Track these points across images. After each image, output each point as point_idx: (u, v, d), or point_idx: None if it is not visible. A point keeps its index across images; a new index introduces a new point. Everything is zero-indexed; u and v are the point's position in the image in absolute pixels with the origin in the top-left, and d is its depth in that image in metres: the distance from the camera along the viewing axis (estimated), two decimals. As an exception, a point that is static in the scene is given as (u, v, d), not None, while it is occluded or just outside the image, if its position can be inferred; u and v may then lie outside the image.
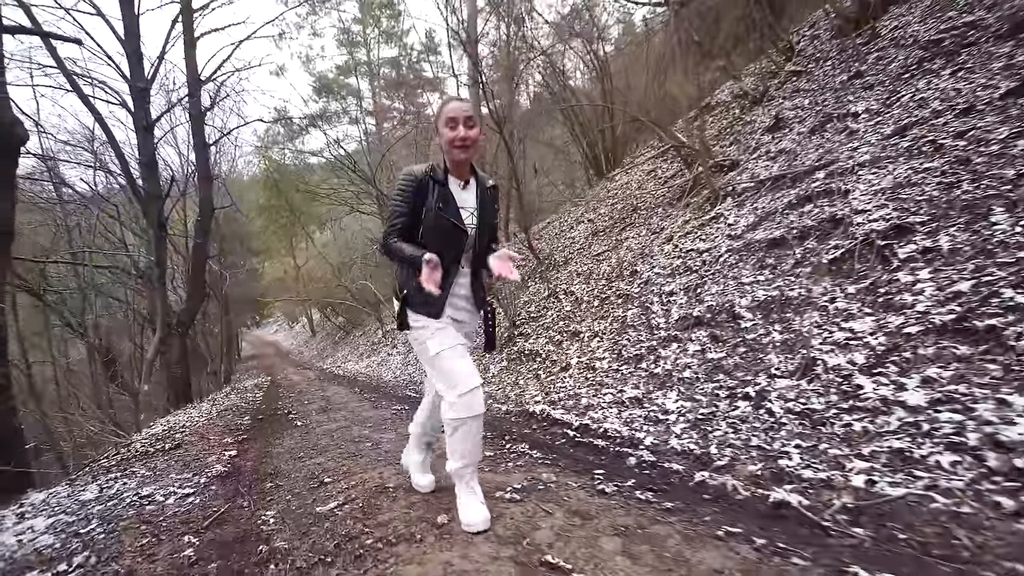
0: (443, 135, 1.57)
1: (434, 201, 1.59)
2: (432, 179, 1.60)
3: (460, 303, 1.71)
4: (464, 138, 1.53)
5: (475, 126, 1.58)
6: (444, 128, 1.56)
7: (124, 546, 1.71)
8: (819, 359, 2.24)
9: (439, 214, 1.58)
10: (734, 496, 1.61)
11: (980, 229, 2.26)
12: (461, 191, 1.65)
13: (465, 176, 1.67)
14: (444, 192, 1.60)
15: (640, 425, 2.53)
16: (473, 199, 1.67)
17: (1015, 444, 1.44)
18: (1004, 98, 3.05)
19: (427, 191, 1.60)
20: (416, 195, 1.60)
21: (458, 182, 1.65)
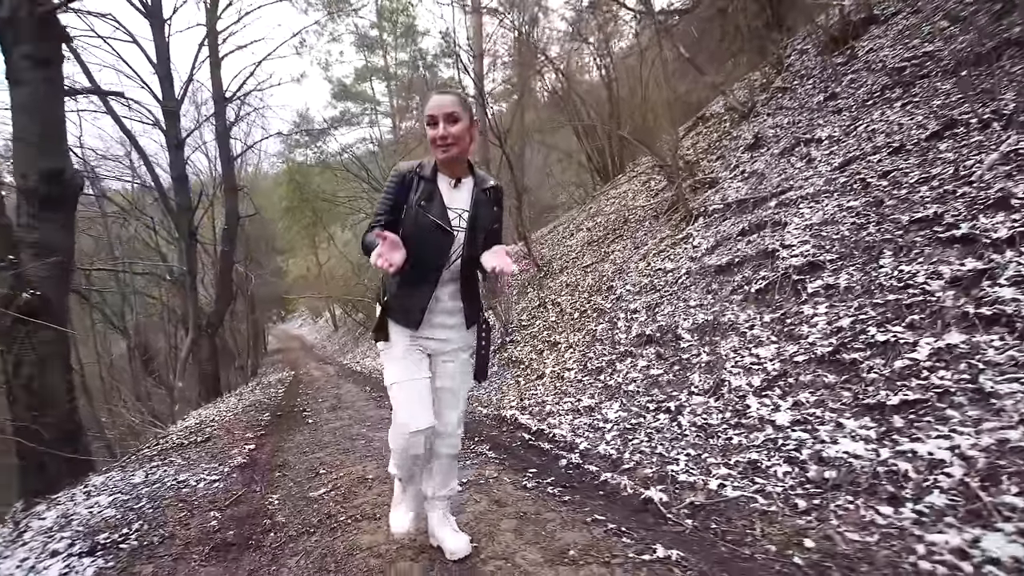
0: (427, 134, 1.47)
1: (416, 198, 1.47)
2: (418, 175, 1.50)
3: (444, 318, 1.56)
4: (444, 136, 1.42)
5: (458, 120, 1.43)
6: (426, 126, 1.47)
7: (166, 518, 2.28)
8: (727, 380, 2.67)
9: (419, 211, 1.46)
10: (620, 493, 2.06)
11: (870, 271, 2.64)
12: (452, 190, 1.53)
13: (458, 174, 1.54)
14: (429, 188, 1.49)
15: (583, 432, 3.00)
16: (465, 199, 1.53)
17: (831, 459, 1.86)
18: (929, 139, 3.36)
19: (411, 187, 1.50)
20: (399, 191, 1.50)
21: (449, 180, 1.53)
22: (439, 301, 1.54)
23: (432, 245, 1.48)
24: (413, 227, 1.46)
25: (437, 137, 1.43)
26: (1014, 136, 2.71)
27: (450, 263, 1.52)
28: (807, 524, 1.58)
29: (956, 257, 2.31)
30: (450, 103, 1.43)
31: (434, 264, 1.50)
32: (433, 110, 1.43)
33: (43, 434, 3.34)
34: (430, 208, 1.46)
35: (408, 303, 1.49)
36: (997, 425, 1.60)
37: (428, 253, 1.47)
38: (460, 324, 1.60)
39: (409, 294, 1.50)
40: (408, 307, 1.50)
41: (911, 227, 2.68)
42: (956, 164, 2.88)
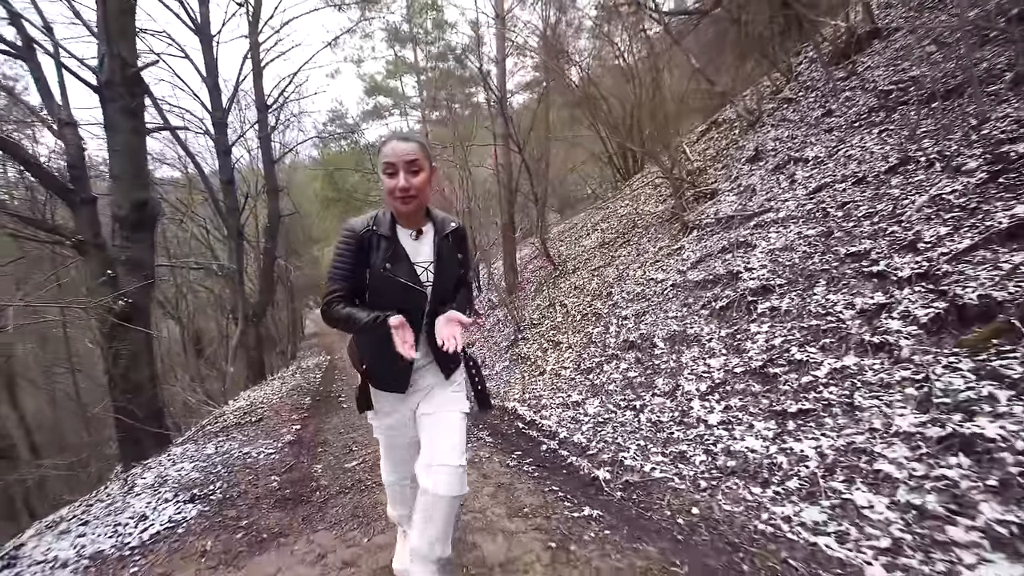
0: (384, 183, 1.34)
1: (380, 260, 1.36)
2: (374, 233, 1.37)
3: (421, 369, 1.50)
4: (404, 188, 1.31)
5: (420, 170, 1.33)
6: (383, 175, 1.34)
7: (239, 479, 3.03)
8: (682, 385, 3.22)
9: (386, 275, 1.36)
10: (578, 472, 2.67)
11: (806, 297, 3.11)
12: (414, 242, 1.42)
13: (418, 224, 1.43)
14: (391, 247, 1.38)
15: (565, 423, 3.60)
16: (428, 251, 1.43)
17: (735, 452, 2.41)
18: (886, 173, 3.74)
19: (371, 247, 1.37)
20: (358, 253, 1.37)
21: (409, 232, 1.42)
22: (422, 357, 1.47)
23: (405, 305, 1.37)
24: (381, 291, 1.38)
25: (397, 189, 1.30)
26: (944, 180, 3.11)
27: (424, 319, 1.44)
28: (700, 498, 2.15)
29: (870, 291, 2.77)
30: (412, 150, 1.31)
31: (411, 324, 1.34)
32: (392, 158, 1.31)
33: (137, 413, 4.19)
34: (398, 270, 1.36)
35: (392, 367, 1.40)
36: (852, 432, 2.12)
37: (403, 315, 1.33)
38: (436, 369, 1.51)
39: (391, 359, 1.32)
40: (393, 372, 1.43)
41: (846, 260, 3.13)
42: (896, 202, 3.29)
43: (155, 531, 2.40)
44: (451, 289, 1.50)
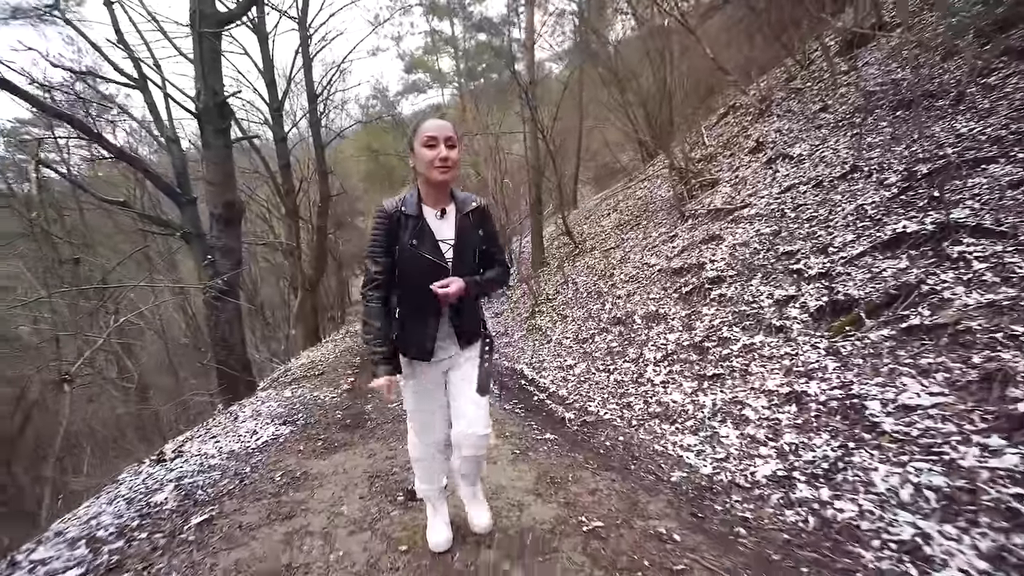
0: (421, 155, 1.45)
1: (407, 237, 1.49)
2: (403, 213, 1.50)
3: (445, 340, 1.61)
4: (445, 158, 1.43)
5: (455, 146, 1.47)
6: (422, 148, 1.45)
7: (314, 413, 4.20)
8: (644, 354, 4.09)
9: (413, 251, 1.49)
10: (554, 415, 3.63)
11: (744, 287, 3.87)
12: (438, 220, 1.53)
13: (442, 204, 1.55)
14: (417, 225, 1.50)
15: (557, 382, 4.57)
16: (451, 229, 1.54)
17: (664, 402, 3.30)
18: (838, 179, 4.33)
19: (400, 226, 1.50)
20: (389, 234, 1.51)
21: (434, 211, 1.53)
22: (443, 330, 1.59)
23: (430, 280, 1.47)
24: (410, 266, 1.50)
25: (437, 158, 1.43)
26: (871, 191, 3.74)
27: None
28: (629, 432, 3.08)
29: (787, 285, 3.52)
30: (450, 128, 1.47)
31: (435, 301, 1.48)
32: (433, 131, 1.44)
33: (233, 367, 5.49)
34: (422, 247, 1.49)
35: (418, 337, 1.54)
36: (739, 389, 2.96)
37: (427, 288, 1.46)
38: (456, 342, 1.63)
39: (417, 329, 1.54)
40: (418, 341, 1.55)
41: (780, 257, 3.85)
42: (833, 208, 3.93)
43: (264, 440, 3.58)
44: (472, 264, 1.58)
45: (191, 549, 1.99)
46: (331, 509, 2.25)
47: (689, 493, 2.19)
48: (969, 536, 1.51)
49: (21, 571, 1.96)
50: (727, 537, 1.77)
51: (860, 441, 2.08)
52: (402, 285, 1.55)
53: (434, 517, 1.80)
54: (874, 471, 1.91)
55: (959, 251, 2.58)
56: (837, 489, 1.93)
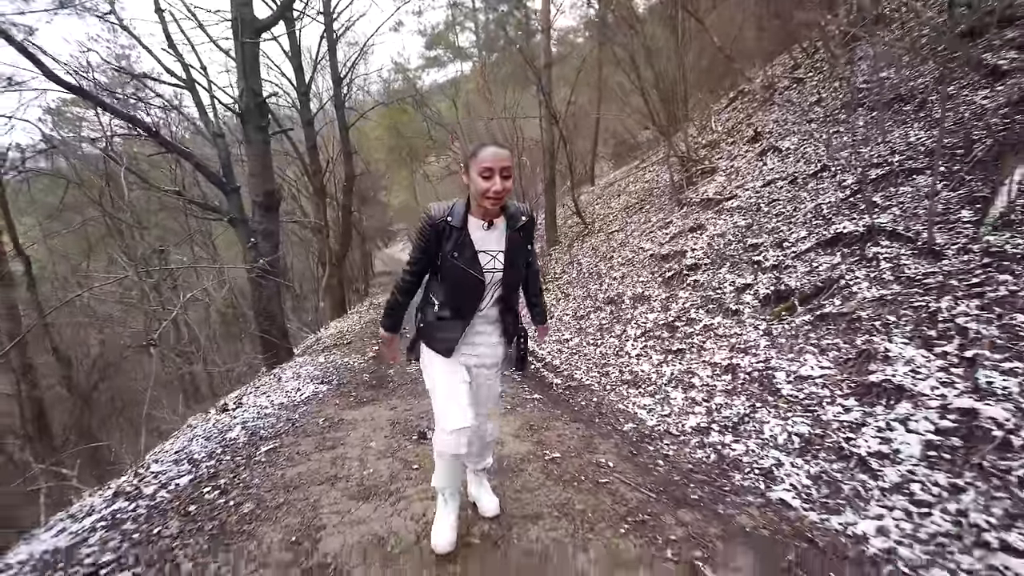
0: (476, 183, 1.49)
1: (449, 248, 1.55)
2: (448, 224, 1.55)
3: (481, 339, 1.71)
4: (499, 192, 1.47)
5: (510, 176, 1.51)
6: (478, 176, 1.48)
7: (344, 375, 4.99)
8: (627, 330, 4.72)
9: (454, 263, 1.55)
10: (544, 380, 4.32)
11: (714, 274, 4.42)
12: (484, 232, 1.58)
13: (491, 217, 1.59)
14: (459, 237, 1.55)
15: (553, 354, 5.24)
16: (499, 240, 1.60)
17: (635, 371, 3.95)
18: (808, 177, 4.78)
19: (443, 235, 1.56)
20: (432, 239, 1.57)
21: (481, 223, 1.58)
22: (474, 326, 1.67)
23: (467, 290, 1.59)
24: (450, 274, 1.57)
25: (491, 191, 1.47)
26: (831, 191, 4.20)
27: (487, 301, 1.65)
28: (602, 395, 3.74)
29: (747, 274, 4.07)
30: (507, 158, 1.49)
31: (470, 306, 1.62)
32: (490, 163, 1.47)
33: (275, 336, 6.33)
34: (461, 259, 1.55)
35: (443, 335, 1.62)
36: (694, 361, 3.58)
37: (464, 297, 1.59)
38: (495, 342, 1.73)
39: (444, 328, 1.63)
40: (442, 338, 1.63)
41: (747, 249, 4.37)
42: (798, 205, 4.41)
43: (306, 396, 4.38)
44: (520, 276, 1.68)
45: (264, 466, 2.77)
46: (363, 444, 3.00)
47: (632, 438, 2.85)
48: (808, 465, 2.14)
49: (149, 478, 2.77)
50: (648, 466, 2.44)
51: (764, 402, 2.70)
52: (444, 287, 1.63)
53: (443, 510, 1.81)
54: (766, 423, 2.54)
55: (874, 252, 3.10)
56: (738, 436, 2.57)
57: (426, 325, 1.67)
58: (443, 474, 1.77)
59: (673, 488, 2.17)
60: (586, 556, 1.69)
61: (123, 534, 2.10)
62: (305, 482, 2.49)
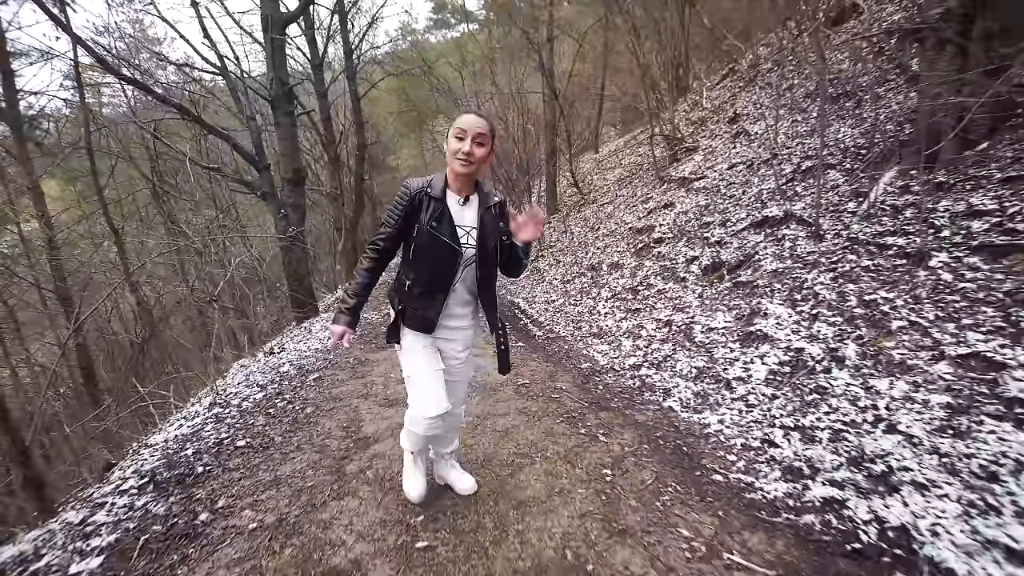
0: (450, 143, 1.56)
1: (427, 218, 1.58)
2: (427, 194, 1.60)
3: (452, 322, 1.75)
4: (468, 153, 1.52)
5: (484, 144, 1.56)
6: (452, 137, 1.55)
7: (367, 327, 6.00)
8: (601, 293, 5.62)
9: (431, 232, 1.58)
10: (529, 332, 5.27)
11: (673, 247, 5.26)
12: (460, 207, 1.63)
13: (466, 192, 1.64)
14: (439, 207, 1.59)
15: (540, 311, 6.18)
16: (472, 217, 1.65)
17: (603, 326, 4.88)
18: (764, 162, 5.50)
19: (421, 207, 1.60)
20: (409, 210, 1.60)
21: (457, 198, 1.63)
22: (448, 307, 1.72)
23: (443, 261, 1.63)
24: (426, 245, 1.61)
25: (460, 151, 1.53)
26: (773, 177, 4.96)
27: (459, 276, 1.68)
28: (572, 343, 4.70)
29: (696, 248, 4.91)
30: (481, 125, 1.55)
31: (445, 277, 1.66)
32: (465, 126, 1.53)
33: (303, 295, 7.34)
34: (441, 228, 1.59)
35: (423, 312, 1.67)
36: (644, 316, 4.49)
37: (440, 268, 1.64)
38: (467, 327, 1.80)
39: (423, 304, 1.67)
40: (423, 316, 1.68)
41: (701, 227, 5.18)
42: (747, 188, 5.18)
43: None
44: (494, 255, 1.72)
45: (314, 387, 3.79)
46: (384, 375, 4.00)
47: (586, 373, 3.82)
48: (694, 386, 3.09)
49: (230, 396, 3.81)
50: (591, 389, 3.40)
51: (683, 347, 3.64)
52: (416, 261, 1.64)
53: (412, 469, 1.96)
54: (680, 361, 3.47)
55: (784, 233, 3.94)
56: (659, 370, 3.52)
57: (404, 305, 1.72)
58: (411, 441, 1.89)
59: (601, 401, 3.15)
60: (532, 432, 2.67)
61: (227, 425, 3.13)
62: (346, 396, 3.50)
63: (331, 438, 2.77)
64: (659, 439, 2.53)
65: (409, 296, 1.70)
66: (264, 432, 2.92)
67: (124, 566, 1.79)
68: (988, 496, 1.65)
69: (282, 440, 2.80)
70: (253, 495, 2.18)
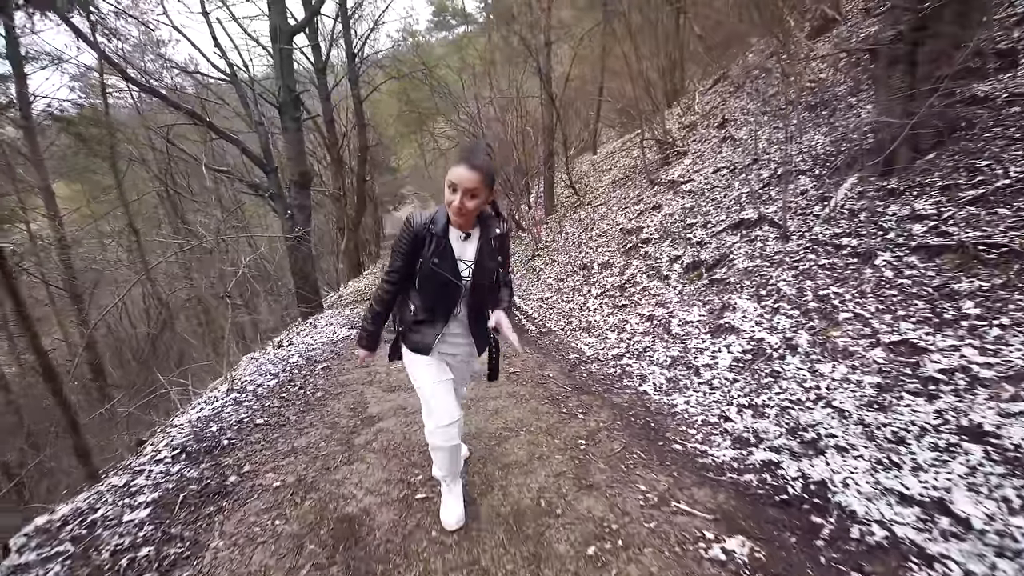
0: (445, 191, 1.59)
1: (430, 254, 1.64)
2: (430, 232, 1.64)
3: (455, 339, 1.82)
4: (459, 207, 1.56)
5: (476, 196, 1.58)
6: (446, 187, 1.59)
7: (369, 323, 6.34)
8: (592, 290, 5.95)
9: (433, 269, 1.64)
10: (523, 327, 5.60)
11: (659, 247, 5.58)
12: (462, 242, 1.68)
13: (467, 228, 1.68)
14: (442, 244, 1.65)
15: (534, 308, 6.51)
16: (472, 251, 1.69)
17: (591, 320, 5.21)
18: (745, 167, 5.83)
19: (424, 242, 1.65)
20: (413, 246, 1.66)
21: (459, 233, 1.68)
22: (447, 334, 1.80)
23: (444, 295, 1.71)
24: (428, 279, 1.68)
25: (453, 205, 1.57)
26: (754, 181, 5.28)
27: (460, 306, 1.77)
28: (564, 336, 5.03)
29: (679, 248, 5.23)
30: (473, 181, 1.55)
31: (445, 310, 1.75)
32: (455, 180, 1.55)
33: (308, 292, 7.67)
34: (443, 265, 1.65)
35: (420, 338, 1.74)
36: (629, 311, 4.82)
37: (440, 301, 1.72)
38: (467, 344, 1.86)
39: (421, 331, 1.76)
40: (420, 341, 1.76)
41: (686, 228, 5.50)
42: (729, 192, 5.50)
43: (340, 336, 5.72)
44: (488, 284, 1.76)
45: (323, 375, 4.12)
46: (387, 366, 4.31)
47: (572, 363, 4.14)
48: (667, 372, 3.41)
49: (245, 383, 4.13)
50: (575, 376, 3.73)
51: (661, 339, 3.96)
52: (420, 291, 1.72)
53: (448, 495, 1.94)
54: (657, 352, 3.80)
55: (756, 235, 4.26)
56: (638, 359, 3.84)
57: (404, 328, 1.80)
58: (443, 464, 1.87)
59: (584, 386, 3.47)
60: (519, 411, 2.99)
61: (245, 407, 3.46)
62: (352, 382, 3.84)
63: (340, 417, 3.10)
64: (631, 417, 2.86)
65: (412, 320, 1.76)
66: (280, 412, 3.25)
67: (168, 516, 2.11)
68: (893, 455, 1.98)
69: (296, 419, 3.13)
70: (274, 461, 2.50)
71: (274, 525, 1.95)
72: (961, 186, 3.00)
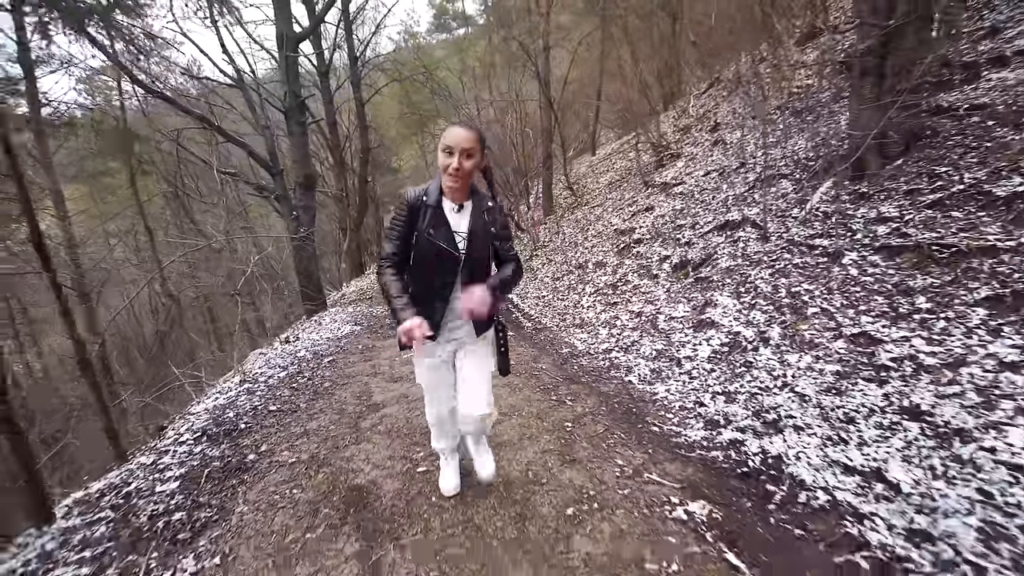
0: (440, 157, 1.60)
1: (425, 225, 1.64)
2: (424, 203, 1.65)
3: (456, 321, 1.79)
4: (456, 168, 1.56)
5: (473, 156, 1.59)
6: (441, 152, 1.59)
7: (372, 320, 6.57)
8: (586, 289, 6.19)
9: (428, 239, 1.64)
10: (520, 323, 5.84)
11: (650, 247, 5.82)
12: (455, 214, 1.68)
13: (460, 199, 1.68)
14: (436, 215, 1.65)
15: (531, 305, 6.76)
16: (466, 223, 1.69)
17: (585, 317, 5.45)
18: (734, 170, 6.07)
19: (419, 215, 1.65)
20: (409, 221, 1.65)
21: (452, 205, 1.68)
22: (452, 310, 1.76)
23: (442, 267, 1.68)
24: (424, 252, 1.67)
25: (450, 167, 1.57)
26: (739, 185, 5.52)
27: (459, 280, 1.72)
28: (558, 332, 5.27)
29: (669, 248, 5.47)
30: (469, 139, 1.57)
31: (444, 282, 1.71)
32: (451, 141, 1.56)
33: (312, 291, 7.92)
34: (438, 235, 1.65)
35: (425, 318, 1.60)
36: (620, 308, 5.06)
37: (439, 274, 1.70)
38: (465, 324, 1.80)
39: (426, 311, 1.65)
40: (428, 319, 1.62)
41: (676, 228, 5.75)
42: (716, 195, 5.74)
43: (344, 333, 5.97)
44: (484, 258, 1.75)
45: (329, 368, 4.37)
46: (390, 358, 4.57)
47: (565, 356, 4.38)
48: (652, 364, 3.66)
49: (255, 375, 4.38)
50: (567, 369, 3.97)
51: (648, 333, 4.21)
52: (415, 268, 1.71)
53: (446, 467, 2.12)
54: (644, 345, 4.04)
55: (739, 235, 4.51)
56: (626, 352, 4.09)
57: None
58: (437, 436, 2.09)
59: (574, 377, 3.72)
60: (512, 398, 3.24)
61: (258, 396, 3.71)
62: (358, 373, 4.09)
63: (347, 404, 3.35)
64: (615, 404, 3.10)
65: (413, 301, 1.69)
66: (291, 400, 3.50)
67: (196, 487, 2.36)
68: (843, 433, 2.22)
69: (306, 406, 3.38)
70: (288, 442, 2.75)
71: (292, 494, 2.20)
72: (922, 191, 3.24)
